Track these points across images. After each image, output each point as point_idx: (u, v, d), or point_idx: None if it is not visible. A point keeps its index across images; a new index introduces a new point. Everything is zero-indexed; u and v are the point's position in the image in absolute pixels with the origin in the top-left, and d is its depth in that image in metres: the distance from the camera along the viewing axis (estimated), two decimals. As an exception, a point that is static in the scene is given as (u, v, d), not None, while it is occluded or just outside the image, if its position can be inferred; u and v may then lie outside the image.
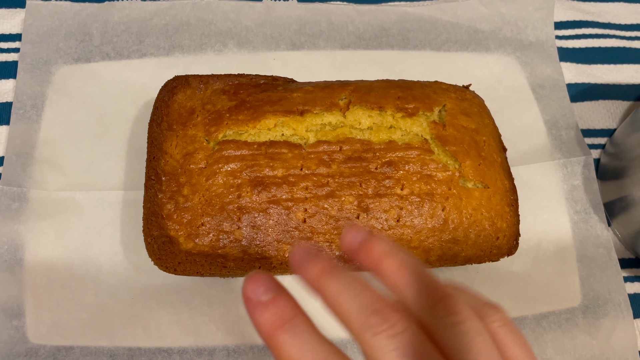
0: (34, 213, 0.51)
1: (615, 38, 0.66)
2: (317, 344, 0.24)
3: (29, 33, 0.58)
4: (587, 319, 0.52)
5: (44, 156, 0.53)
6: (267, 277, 0.26)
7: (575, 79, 0.63)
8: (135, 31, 0.59)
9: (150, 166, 0.46)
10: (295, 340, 0.24)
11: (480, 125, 0.49)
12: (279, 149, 0.45)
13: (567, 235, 0.55)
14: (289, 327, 0.24)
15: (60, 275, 0.49)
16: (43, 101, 0.56)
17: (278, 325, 0.24)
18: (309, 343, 0.24)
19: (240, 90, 0.49)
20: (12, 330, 0.47)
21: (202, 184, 0.45)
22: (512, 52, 0.63)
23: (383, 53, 0.61)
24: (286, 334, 0.24)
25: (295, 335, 0.24)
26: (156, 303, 0.49)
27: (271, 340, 0.24)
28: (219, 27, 0.61)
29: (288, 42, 0.61)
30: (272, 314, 0.25)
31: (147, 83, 0.57)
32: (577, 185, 0.57)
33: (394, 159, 0.45)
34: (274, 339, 0.24)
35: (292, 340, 0.24)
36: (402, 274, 0.26)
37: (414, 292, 0.26)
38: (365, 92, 0.48)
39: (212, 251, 0.44)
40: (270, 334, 0.24)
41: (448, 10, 0.64)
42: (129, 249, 0.51)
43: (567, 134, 0.59)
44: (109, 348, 0.48)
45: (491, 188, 0.46)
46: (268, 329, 0.24)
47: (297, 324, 0.25)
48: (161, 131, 0.47)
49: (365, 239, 0.27)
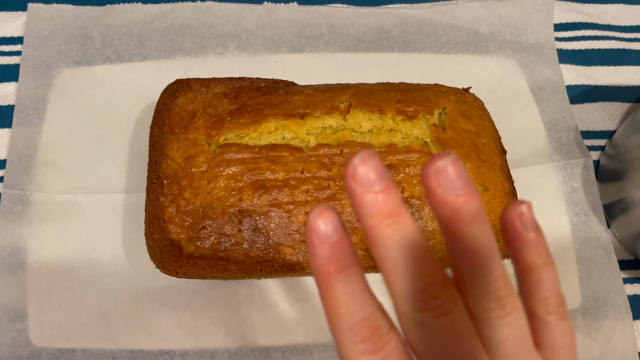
0: (36, 216, 0.51)
1: (615, 40, 0.66)
2: (366, 296, 0.24)
3: (31, 36, 0.58)
4: (587, 320, 0.52)
5: (46, 159, 0.54)
6: (338, 218, 0.24)
7: (574, 81, 0.64)
8: (137, 34, 0.60)
9: (151, 169, 0.47)
10: (347, 288, 0.24)
11: (480, 128, 0.49)
12: (280, 152, 0.46)
13: (566, 237, 0.55)
14: (347, 274, 0.24)
15: (62, 278, 0.50)
16: (45, 104, 0.56)
17: (337, 269, 0.24)
18: (359, 294, 0.24)
19: (241, 94, 0.49)
20: (15, 333, 0.48)
21: (204, 187, 0.45)
22: (511, 54, 0.63)
23: (383, 55, 0.62)
24: (342, 280, 0.24)
25: (350, 285, 0.24)
26: (158, 305, 0.49)
27: (325, 280, 0.24)
28: (219, 30, 0.61)
29: (289, 45, 0.61)
30: (334, 256, 0.24)
31: (148, 86, 0.57)
32: (577, 187, 0.57)
33: (394, 162, 0.46)
34: (329, 281, 0.24)
35: (345, 288, 0.24)
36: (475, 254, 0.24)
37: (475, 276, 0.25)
38: (366, 95, 0.49)
39: (214, 254, 0.44)
40: (326, 274, 0.24)
41: (448, 12, 0.64)
42: (131, 251, 0.51)
43: (567, 136, 0.59)
44: (111, 350, 0.48)
45: (491, 191, 0.47)
46: (326, 269, 0.24)
47: (353, 274, 0.24)
48: (163, 134, 0.48)
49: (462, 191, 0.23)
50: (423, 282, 0.24)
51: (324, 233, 0.24)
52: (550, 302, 0.27)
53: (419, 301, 0.23)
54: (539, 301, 0.27)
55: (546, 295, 0.27)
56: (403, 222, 0.23)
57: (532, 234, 0.27)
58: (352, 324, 0.24)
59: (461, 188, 0.23)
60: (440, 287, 0.24)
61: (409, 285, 0.24)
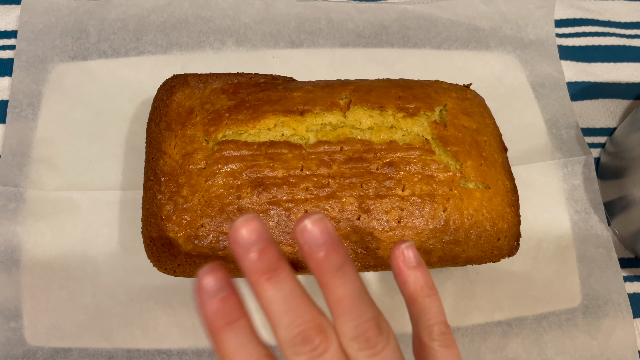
0: (30, 213, 0.51)
1: (615, 36, 0.66)
2: (253, 345, 0.27)
3: (25, 30, 0.57)
4: (587, 319, 0.52)
5: (40, 155, 0.53)
6: (223, 274, 0.27)
7: (575, 78, 0.63)
8: (133, 28, 0.59)
9: (148, 167, 0.46)
10: (235, 339, 0.27)
11: (481, 125, 0.49)
12: (279, 150, 0.45)
13: (567, 235, 0.55)
14: (235, 326, 0.27)
15: (57, 276, 0.49)
16: (39, 99, 0.55)
17: (226, 322, 0.26)
18: (246, 344, 0.27)
19: (240, 90, 0.48)
20: (10, 332, 0.47)
21: (202, 185, 0.44)
22: (512, 50, 0.62)
23: (383, 51, 0.61)
24: (229, 333, 0.26)
25: (237, 335, 0.27)
26: (155, 304, 0.49)
27: (215, 333, 0.27)
28: (217, 24, 0.60)
29: (287, 40, 0.60)
30: (221, 311, 0.26)
31: (144, 81, 0.57)
32: (578, 185, 0.57)
33: (395, 159, 0.45)
34: (218, 334, 0.27)
35: (233, 340, 0.26)
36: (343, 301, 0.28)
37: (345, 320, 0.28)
38: (366, 92, 0.48)
39: (212, 253, 0.43)
40: (215, 328, 0.27)
41: (448, 8, 0.63)
42: (127, 249, 0.50)
43: (568, 133, 0.59)
44: (107, 350, 0.47)
45: (492, 189, 0.46)
46: (214, 324, 0.26)
47: (241, 326, 0.27)
48: (160, 131, 0.47)
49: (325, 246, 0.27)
50: (298, 328, 0.26)
51: (212, 291, 0.26)
52: (433, 329, 0.30)
53: (295, 345, 0.26)
54: (423, 329, 0.31)
55: (429, 324, 0.31)
56: (280, 276, 0.27)
57: (412, 270, 0.31)
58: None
59: (323, 245, 0.27)
60: (314, 332, 0.27)
61: (286, 331, 0.27)
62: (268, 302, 0.27)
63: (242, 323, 0.27)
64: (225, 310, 0.26)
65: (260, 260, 0.26)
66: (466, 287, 0.52)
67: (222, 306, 0.26)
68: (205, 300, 0.26)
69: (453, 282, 0.52)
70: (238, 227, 0.26)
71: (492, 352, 0.50)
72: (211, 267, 0.27)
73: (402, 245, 0.32)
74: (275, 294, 0.27)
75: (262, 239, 0.26)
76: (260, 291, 0.27)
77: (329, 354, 0.27)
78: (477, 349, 0.50)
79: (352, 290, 0.28)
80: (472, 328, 0.51)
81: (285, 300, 0.27)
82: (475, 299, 0.52)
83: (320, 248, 0.27)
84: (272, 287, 0.27)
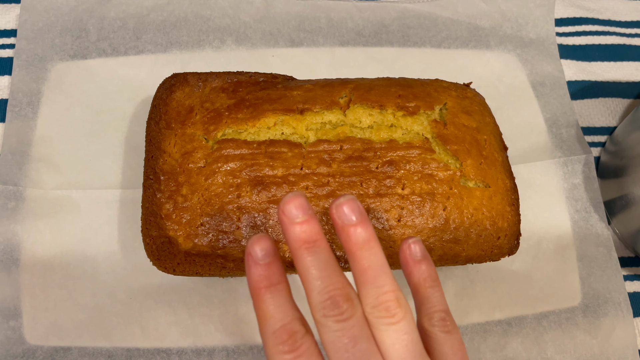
0: (30, 212, 0.51)
1: (616, 35, 0.66)
2: (289, 307, 0.31)
3: (24, 29, 0.57)
4: (587, 318, 0.52)
5: (40, 154, 0.53)
6: (270, 244, 0.31)
7: (575, 77, 0.63)
8: (132, 27, 0.59)
9: (148, 165, 0.46)
10: (274, 300, 0.31)
11: (481, 124, 0.48)
12: (278, 148, 0.45)
13: (567, 234, 0.55)
14: (275, 289, 0.31)
15: (57, 275, 0.49)
16: (39, 98, 0.55)
17: (267, 285, 0.31)
18: (283, 305, 0.31)
19: (240, 88, 0.48)
20: (9, 331, 0.47)
21: (201, 184, 0.44)
22: (512, 49, 0.62)
23: (383, 50, 0.61)
24: (269, 294, 0.31)
25: (276, 298, 0.31)
26: (154, 303, 0.49)
27: (257, 294, 0.31)
28: (217, 23, 0.60)
29: (287, 39, 0.60)
30: (264, 274, 0.31)
31: (144, 80, 0.57)
32: (578, 184, 0.57)
33: (394, 158, 0.45)
34: (260, 295, 0.31)
35: (272, 300, 0.30)
36: (367, 271, 0.31)
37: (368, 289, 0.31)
38: (366, 90, 0.48)
39: (212, 251, 0.43)
40: (258, 289, 0.31)
41: (448, 6, 0.63)
42: (127, 248, 0.50)
43: (568, 132, 0.59)
44: (107, 349, 0.47)
45: (492, 187, 0.46)
46: (258, 285, 0.31)
47: (280, 290, 0.31)
48: (159, 130, 0.47)
49: (355, 222, 0.31)
50: (329, 294, 0.30)
51: (258, 257, 0.31)
52: (434, 316, 0.33)
53: (325, 308, 0.30)
54: (425, 315, 0.33)
55: (430, 311, 0.33)
56: (318, 247, 0.31)
57: (418, 263, 0.34)
58: (275, 329, 0.30)
59: (354, 220, 0.31)
60: (342, 298, 0.30)
61: (319, 296, 0.30)
62: (305, 268, 0.30)
63: (282, 287, 0.31)
64: (267, 274, 0.31)
65: (303, 231, 0.31)
66: (466, 286, 0.52)
67: (266, 271, 0.31)
68: (252, 265, 0.31)
69: (453, 281, 0.52)
70: (287, 201, 0.31)
71: (492, 351, 0.50)
72: (259, 237, 0.31)
73: (410, 240, 0.35)
74: (312, 261, 0.30)
75: (306, 214, 0.31)
76: (300, 258, 0.31)
77: (353, 320, 0.30)
78: (477, 348, 0.50)
79: (376, 262, 0.31)
80: (472, 327, 0.51)
81: (320, 267, 0.30)
82: (476, 298, 0.51)
83: (351, 222, 0.31)
84: (310, 255, 0.30)
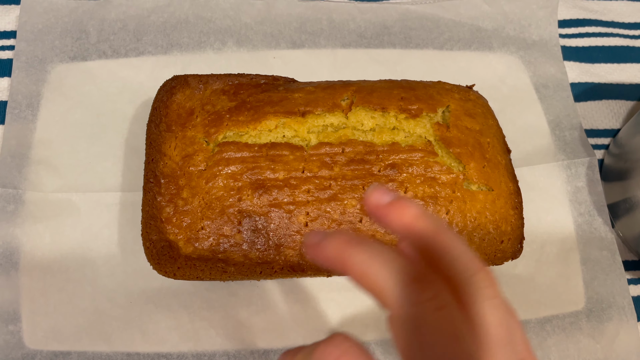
0: (29, 215, 0.50)
1: (619, 37, 0.65)
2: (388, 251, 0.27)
3: (24, 30, 0.57)
4: (591, 322, 0.51)
5: (39, 157, 0.52)
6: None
7: (578, 78, 0.63)
8: (133, 29, 0.58)
9: (148, 168, 0.45)
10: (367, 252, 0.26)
11: (484, 127, 0.48)
12: (280, 151, 0.45)
13: (570, 237, 0.54)
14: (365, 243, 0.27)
15: (56, 279, 0.49)
16: (39, 100, 0.55)
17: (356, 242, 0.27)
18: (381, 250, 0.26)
19: (241, 91, 0.48)
20: (8, 336, 0.47)
21: (202, 187, 0.44)
22: (515, 51, 0.62)
23: (385, 52, 0.61)
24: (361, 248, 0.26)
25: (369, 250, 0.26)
26: (155, 307, 0.48)
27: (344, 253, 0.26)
28: (218, 25, 0.60)
29: (288, 41, 0.60)
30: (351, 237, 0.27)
31: (144, 82, 0.56)
32: (581, 187, 0.56)
33: (397, 161, 0.45)
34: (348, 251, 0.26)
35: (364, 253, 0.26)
36: (440, 237, 0.27)
37: (454, 256, 0.26)
38: (368, 93, 0.47)
39: (213, 255, 0.43)
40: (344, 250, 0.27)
41: (451, 8, 0.63)
42: (127, 251, 0.50)
43: (571, 134, 0.58)
44: (106, 353, 0.47)
45: (495, 191, 0.46)
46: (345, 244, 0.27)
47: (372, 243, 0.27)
48: (160, 132, 0.46)
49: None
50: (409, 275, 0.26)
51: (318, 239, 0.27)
52: None
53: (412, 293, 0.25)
54: None
55: None
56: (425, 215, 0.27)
57: None
58: None
59: None
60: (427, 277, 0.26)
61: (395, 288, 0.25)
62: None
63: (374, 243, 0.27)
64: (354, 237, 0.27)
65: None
66: (469, 290, 0.51)
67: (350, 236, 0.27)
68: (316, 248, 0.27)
69: None
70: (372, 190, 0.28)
71: (495, 356, 0.49)
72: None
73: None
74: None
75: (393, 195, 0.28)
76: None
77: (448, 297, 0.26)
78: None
79: None
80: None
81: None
82: (478, 302, 0.51)
83: None
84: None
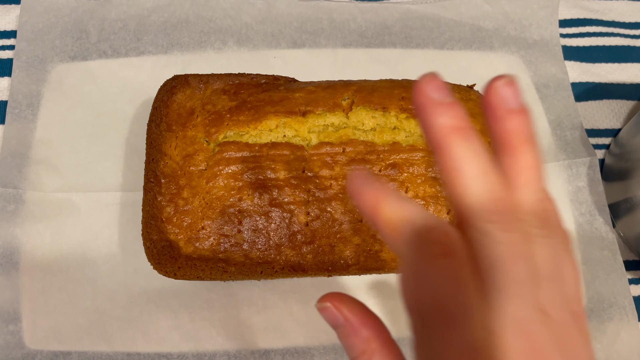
0: (30, 215, 0.50)
1: (620, 36, 0.65)
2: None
3: (24, 30, 0.57)
4: (592, 322, 0.51)
5: (40, 157, 0.52)
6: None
7: (579, 78, 0.63)
8: (133, 29, 0.58)
9: (149, 168, 0.45)
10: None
11: (485, 127, 0.48)
12: (280, 151, 0.44)
13: (571, 237, 0.54)
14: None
15: (57, 279, 0.49)
16: (39, 100, 0.54)
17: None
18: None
19: (241, 90, 0.48)
20: (9, 336, 0.47)
21: (203, 187, 0.44)
22: (516, 50, 0.62)
23: (385, 51, 0.60)
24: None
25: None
26: (155, 307, 0.48)
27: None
28: (218, 24, 0.60)
29: (289, 40, 0.60)
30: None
31: (145, 82, 0.56)
32: (582, 187, 0.56)
33: (398, 161, 0.45)
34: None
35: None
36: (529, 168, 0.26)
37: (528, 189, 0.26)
38: (369, 92, 0.47)
39: (213, 255, 0.43)
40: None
41: (451, 8, 0.63)
42: (127, 251, 0.50)
43: (572, 134, 0.58)
44: (107, 353, 0.47)
45: (496, 190, 0.46)
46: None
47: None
48: (160, 132, 0.46)
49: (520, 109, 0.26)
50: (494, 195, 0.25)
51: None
52: None
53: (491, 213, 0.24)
54: None
55: None
56: (471, 134, 0.25)
57: None
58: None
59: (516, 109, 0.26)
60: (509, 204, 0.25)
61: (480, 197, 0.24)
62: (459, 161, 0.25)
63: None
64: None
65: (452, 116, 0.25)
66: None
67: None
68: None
69: None
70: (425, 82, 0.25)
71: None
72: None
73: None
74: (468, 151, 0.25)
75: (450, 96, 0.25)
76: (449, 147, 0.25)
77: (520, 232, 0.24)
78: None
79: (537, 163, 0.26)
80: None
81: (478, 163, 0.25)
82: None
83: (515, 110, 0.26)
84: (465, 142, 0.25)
